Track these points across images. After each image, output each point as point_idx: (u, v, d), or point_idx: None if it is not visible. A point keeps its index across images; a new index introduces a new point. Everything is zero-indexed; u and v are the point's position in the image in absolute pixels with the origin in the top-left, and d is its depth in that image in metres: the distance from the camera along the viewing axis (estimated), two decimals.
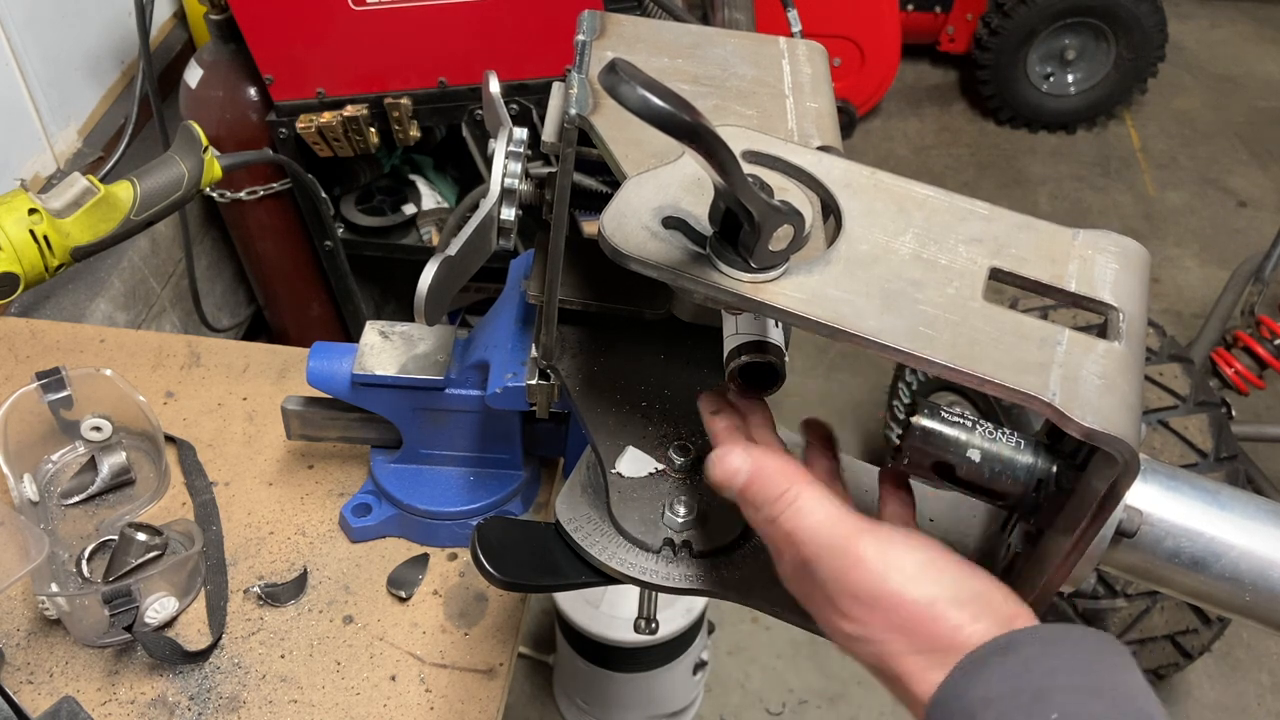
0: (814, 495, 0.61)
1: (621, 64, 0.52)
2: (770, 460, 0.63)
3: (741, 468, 0.63)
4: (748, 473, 0.63)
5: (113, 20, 2.06)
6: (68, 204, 1.13)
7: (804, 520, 0.60)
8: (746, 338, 0.72)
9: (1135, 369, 0.61)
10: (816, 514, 0.60)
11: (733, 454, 0.64)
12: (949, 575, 0.58)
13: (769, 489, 0.62)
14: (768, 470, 0.63)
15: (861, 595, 0.58)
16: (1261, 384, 2.30)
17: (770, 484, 0.62)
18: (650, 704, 2.12)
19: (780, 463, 0.63)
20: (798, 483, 0.62)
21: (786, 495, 0.61)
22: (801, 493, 0.61)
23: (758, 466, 0.63)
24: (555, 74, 1.82)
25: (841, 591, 0.59)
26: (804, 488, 0.61)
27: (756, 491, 0.62)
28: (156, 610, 1.03)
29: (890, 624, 0.57)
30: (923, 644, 0.56)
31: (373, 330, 1.06)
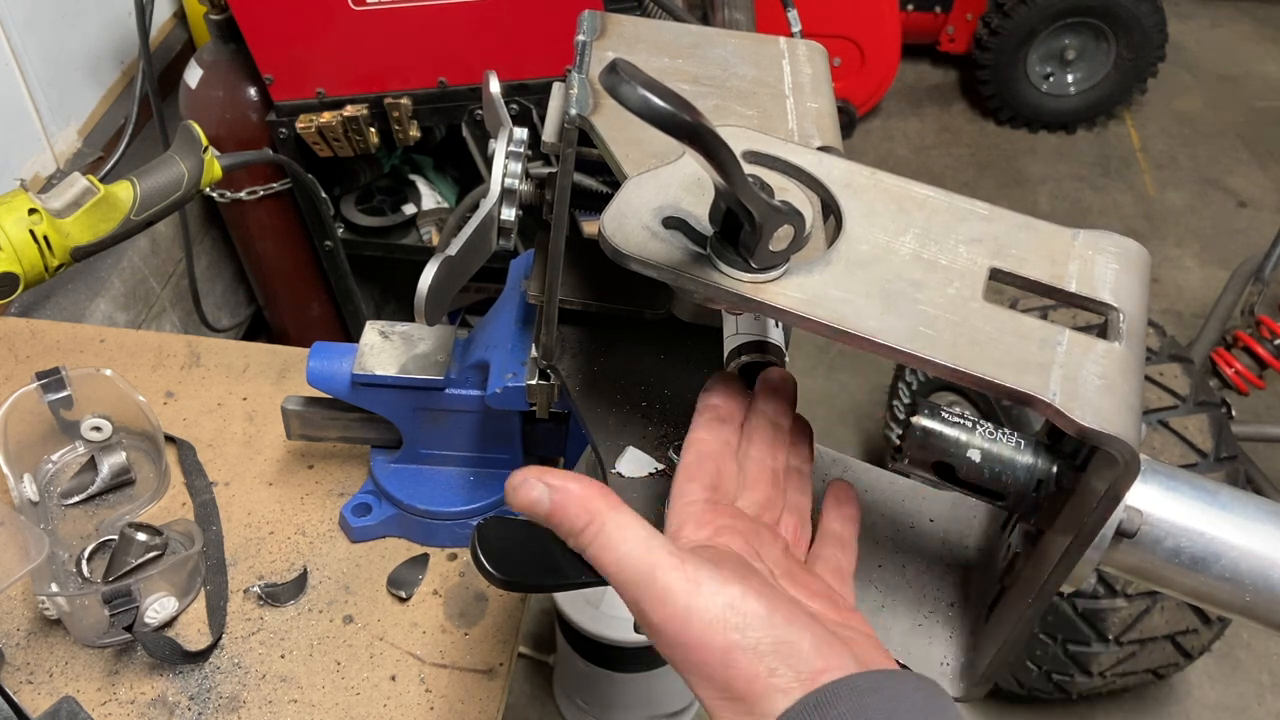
0: (619, 524, 0.57)
1: (622, 64, 0.52)
2: (572, 487, 0.58)
3: (541, 498, 0.58)
4: (549, 503, 0.58)
5: (113, 20, 2.06)
6: (68, 204, 1.13)
7: (610, 554, 0.57)
8: (747, 338, 0.72)
9: (1135, 369, 0.61)
10: (621, 546, 0.56)
11: (529, 483, 0.59)
12: (753, 619, 0.53)
13: (572, 520, 0.58)
14: (569, 500, 0.58)
15: (666, 637, 0.54)
16: (1261, 384, 2.30)
17: (571, 515, 0.58)
18: (650, 704, 2.12)
19: (582, 490, 0.58)
20: (600, 512, 0.57)
21: (590, 528, 0.57)
22: (606, 522, 0.57)
23: (559, 496, 0.58)
24: (555, 74, 1.82)
25: (652, 629, 0.55)
26: (609, 516, 0.57)
27: (559, 523, 0.58)
28: (156, 610, 1.03)
29: (694, 670, 0.54)
30: (727, 693, 0.53)
31: (373, 330, 1.06)
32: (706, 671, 0.53)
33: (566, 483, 0.58)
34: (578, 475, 0.60)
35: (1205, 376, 2.19)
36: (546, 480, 0.58)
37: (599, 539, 0.57)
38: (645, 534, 0.57)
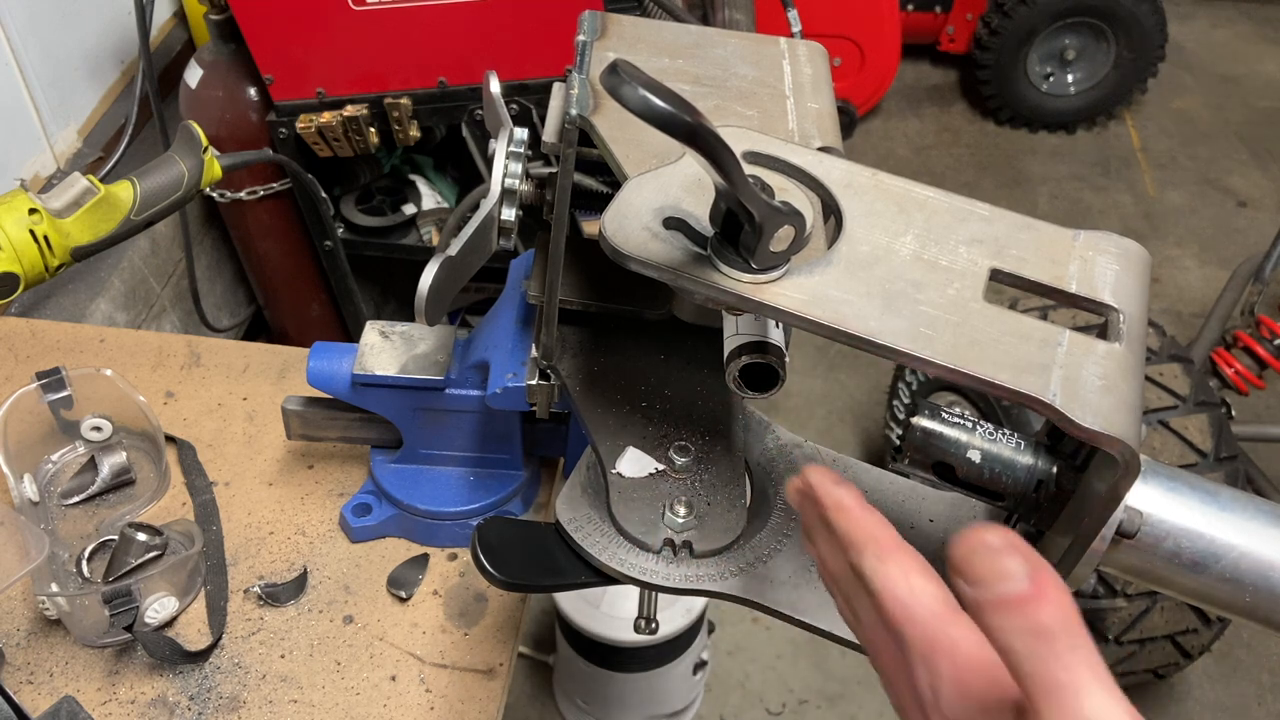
0: (1089, 649, 0.48)
1: (623, 65, 0.52)
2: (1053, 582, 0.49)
3: (1018, 574, 0.48)
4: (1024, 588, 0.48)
5: (113, 20, 2.06)
6: (68, 204, 1.13)
7: (1070, 678, 0.47)
8: (747, 338, 0.72)
9: (1135, 370, 0.61)
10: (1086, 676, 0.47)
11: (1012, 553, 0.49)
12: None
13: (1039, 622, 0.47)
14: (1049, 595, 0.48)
15: None
16: (1261, 384, 2.30)
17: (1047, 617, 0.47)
18: (650, 704, 2.12)
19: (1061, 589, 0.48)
20: (1074, 629, 0.48)
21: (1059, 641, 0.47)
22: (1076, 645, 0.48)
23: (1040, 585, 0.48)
24: (555, 74, 1.82)
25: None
26: (1080, 638, 0.48)
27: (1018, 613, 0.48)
28: (156, 610, 1.03)
29: None
30: None
31: (373, 330, 1.06)
32: None
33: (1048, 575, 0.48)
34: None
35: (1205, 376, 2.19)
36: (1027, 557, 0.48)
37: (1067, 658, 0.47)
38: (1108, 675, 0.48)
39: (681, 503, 0.80)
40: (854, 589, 0.60)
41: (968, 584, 0.49)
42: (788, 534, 0.81)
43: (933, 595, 0.54)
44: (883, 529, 0.58)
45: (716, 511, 0.81)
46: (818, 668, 2.32)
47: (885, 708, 2.27)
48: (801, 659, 2.34)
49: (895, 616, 0.55)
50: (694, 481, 0.83)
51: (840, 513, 0.60)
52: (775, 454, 0.87)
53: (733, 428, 0.87)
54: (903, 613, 0.54)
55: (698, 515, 0.80)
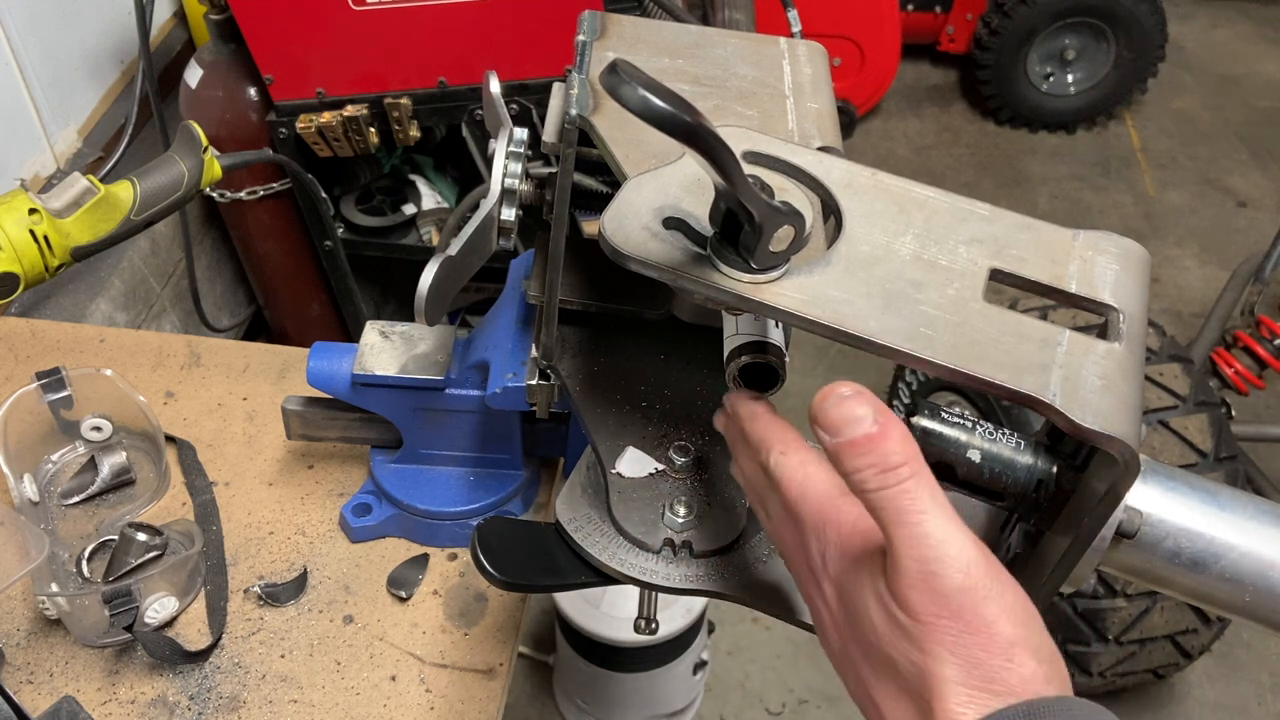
0: (929, 481, 0.55)
1: (623, 65, 0.52)
2: (895, 425, 0.55)
3: (865, 417, 0.54)
4: (869, 429, 0.54)
5: (113, 20, 2.06)
6: (68, 204, 1.13)
7: (911, 503, 0.53)
8: (747, 338, 0.72)
9: (1135, 370, 0.61)
10: (927, 501, 0.53)
11: (860, 400, 0.55)
12: (1036, 625, 0.54)
13: (888, 456, 0.54)
14: (893, 434, 0.54)
15: (948, 597, 0.52)
16: (1261, 384, 2.30)
17: (890, 450, 0.54)
18: (650, 704, 2.12)
19: (903, 431, 0.55)
20: (914, 460, 0.54)
21: (903, 469, 0.54)
22: (918, 473, 0.54)
23: (885, 426, 0.54)
24: (555, 74, 1.82)
25: (921, 583, 0.53)
26: (920, 469, 0.54)
27: (872, 449, 0.54)
28: (156, 610, 1.03)
29: (957, 643, 0.52)
30: (979, 680, 0.52)
31: (373, 330, 1.06)
32: (976, 653, 0.52)
33: (892, 417, 0.55)
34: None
35: (1205, 376, 2.19)
36: (875, 406, 0.55)
37: (905, 484, 0.54)
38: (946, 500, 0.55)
39: (681, 503, 0.80)
40: (764, 487, 0.67)
41: (825, 432, 0.56)
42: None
43: (824, 479, 0.62)
44: (786, 430, 0.67)
45: (716, 511, 0.81)
46: (818, 668, 2.32)
47: None
48: (801, 659, 2.34)
49: (792, 497, 0.62)
50: (694, 481, 0.83)
51: (753, 420, 0.68)
52: None
53: None
54: (799, 494, 0.62)
55: (698, 515, 0.80)
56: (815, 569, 0.61)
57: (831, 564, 0.60)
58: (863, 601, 0.57)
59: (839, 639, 0.60)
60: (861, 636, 0.57)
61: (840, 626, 0.60)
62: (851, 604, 0.58)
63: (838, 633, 0.60)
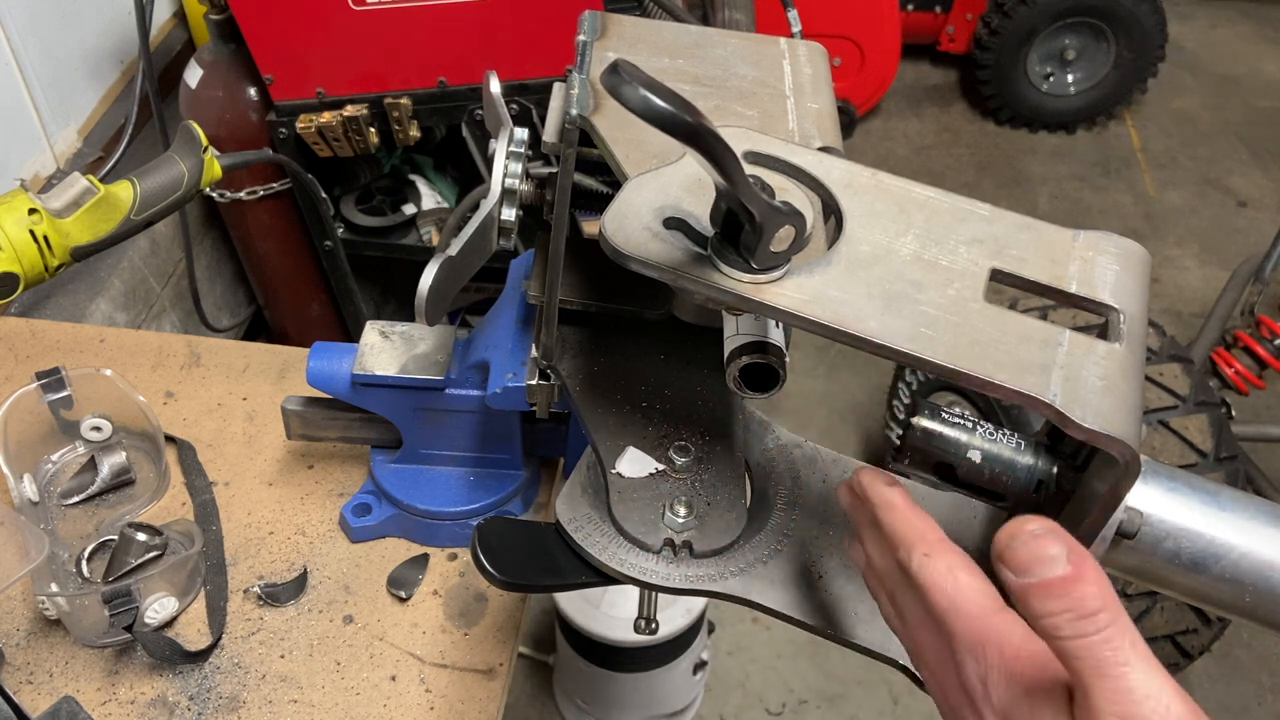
0: (1129, 627, 0.50)
1: (623, 65, 0.52)
2: (1091, 565, 0.51)
3: (1059, 557, 0.50)
4: (1062, 571, 0.50)
5: (113, 20, 2.06)
6: (68, 204, 1.13)
7: (1113, 654, 0.49)
8: (747, 338, 0.72)
9: (1136, 370, 0.61)
10: (1129, 651, 0.50)
11: (1053, 540, 0.51)
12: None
13: (1083, 601, 0.50)
14: (1089, 575, 0.50)
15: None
16: (1261, 384, 2.30)
17: (1086, 596, 0.50)
18: (650, 704, 2.12)
19: (1099, 572, 0.51)
20: (1113, 605, 0.50)
21: (1101, 616, 0.49)
22: (1117, 620, 0.50)
23: (1079, 568, 0.50)
24: (555, 74, 1.82)
25: None
26: (1120, 614, 0.50)
27: (1061, 595, 0.50)
28: (156, 610, 1.03)
29: None
30: None
31: (373, 330, 1.06)
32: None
33: (1086, 560, 0.51)
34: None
35: (1205, 376, 2.19)
36: (1067, 543, 0.51)
37: (1108, 632, 0.50)
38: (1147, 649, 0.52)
39: (681, 503, 0.80)
40: (900, 587, 0.61)
41: (1011, 571, 0.51)
42: (787, 534, 0.81)
43: (979, 590, 0.56)
44: (930, 527, 0.60)
45: (716, 511, 0.81)
46: (818, 668, 2.32)
47: (885, 708, 2.27)
48: (801, 659, 2.34)
49: (942, 609, 0.56)
50: (694, 481, 0.83)
51: (890, 511, 0.62)
52: (775, 454, 0.87)
53: (733, 428, 0.87)
54: (949, 606, 0.56)
55: (698, 515, 0.80)
56: (972, 693, 0.56)
57: (995, 690, 0.54)
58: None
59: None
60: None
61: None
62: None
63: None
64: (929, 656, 0.60)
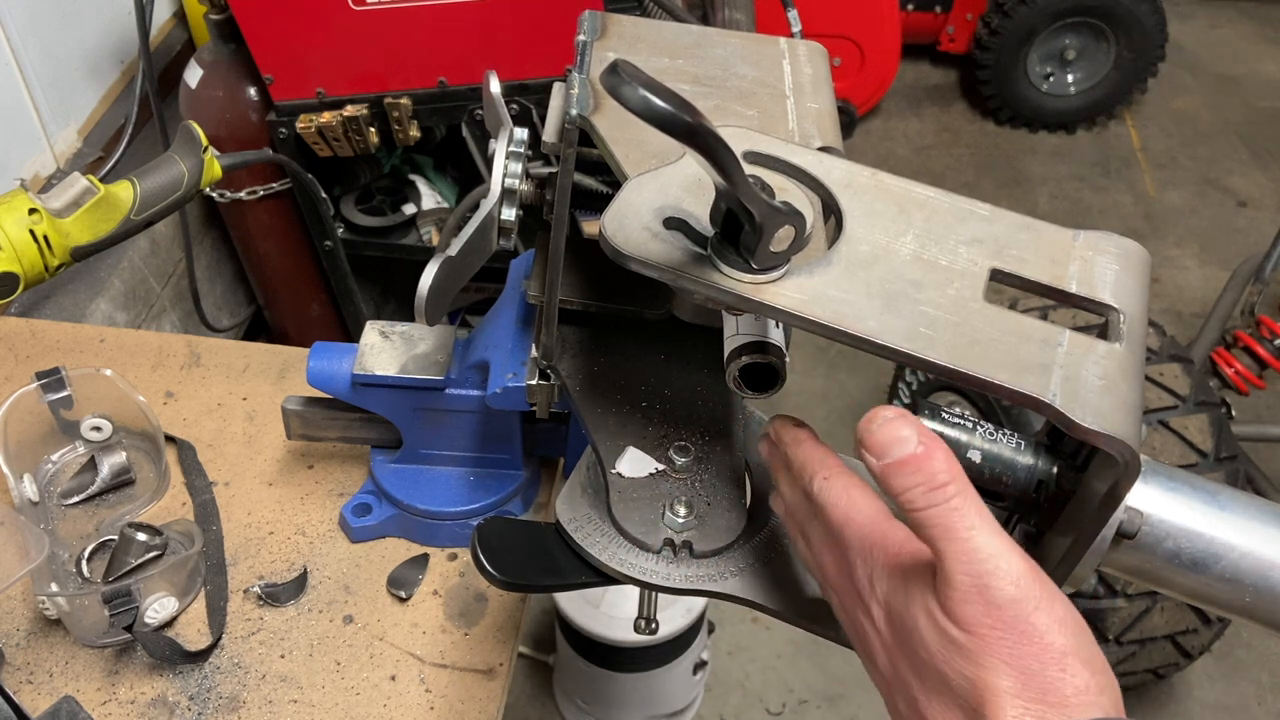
0: (975, 497, 0.56)
1: (623, 65, 0.52)
2: (939, 445, 0.56)
3: (910, 438, 0.56)
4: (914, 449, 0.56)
5: (113, 20, 2.06)
6: (68, 204, 1.13)
7: (960, 519, 0.54)
8: (747, 338, 0.72)
9: (1136, 370, 0.61)
10: (974, 517, 0.55)
11: (904, 422, 0.57)
12: (1087, 637, 0.54)
13: (934, 474, 0.55)
14: (937, 454, 0.56)
15: (1001, 609, 0.53)
16: (1261, 384, 2.30)
17: (936, 470, 0.55)
18: (650, 704, 2.12)
19: (947, 451, 0.56)
20: (960, 479, 0.56)
21: (949, 488, 0.55)
22: (964, 490, 0.55)
23: (929, 447, 0.56)
24: (555, 74, 1.82)
25: (974, 596, 0.54)
26: (966, 486, 0.56)
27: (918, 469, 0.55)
28: (156, 610, 1.03)
29: (1011, 654, 0.53)
30: (1034, 692, 0.52)
31: (373, 330, 1.06)
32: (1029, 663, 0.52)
33: (935, 438, 0.57)
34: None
35: (1205, 376, 2.19)
36: (918, 427, 0.56)
37: (952, 502, 0.55)
38: (992, 516, 0.56)
39: (681, 503, 0.80)
40: (806, 514, 0.67)
41: (872, 455, 0.57)
42: (788, 534, 0.81)
43: (869, 503, 0.63)
44: (829, 454, 0.68)
45: (716, 511, 0.81)
46: (818, 668, 2.32)
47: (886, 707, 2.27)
48: (801, 659, 2.34)
49: (838, 523, 0.63)
50: (694, 481, 0.83)
51: (797, 445, 0.68)
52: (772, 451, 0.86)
53: (733, 428, 0.87)
54: (844, 518, 0.62)
55: (698, 515, 0.80)
56: (862, 591, 0.61)
57: (880, 585, 0.60)
58: (913, 619, 0.57)
59: (888, 660, 0.60)
60: (913, 655, 0.57)
61: (890, 647, 0.59)
62: (902, 623, 0.58)
63: (887, 654, 0.60)
64: (830, 573, 0.65)
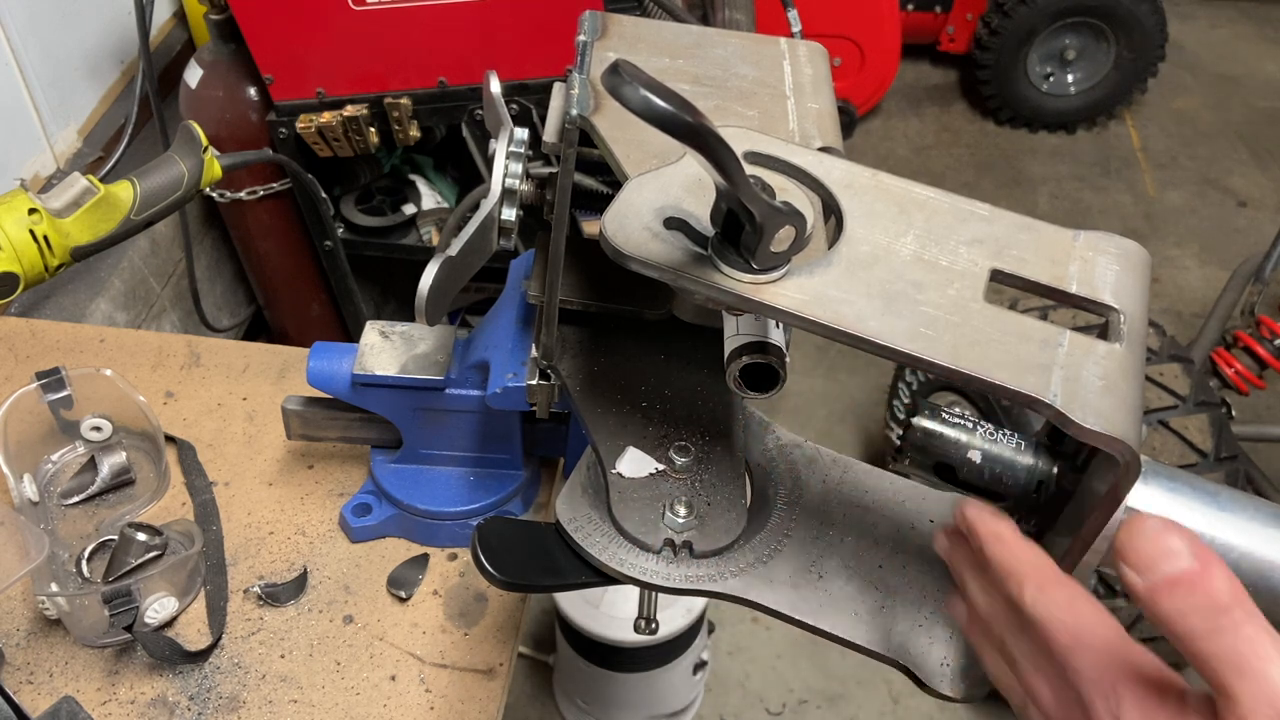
0: (1265, 624, 0.47)
1: (624, 65, 0.52)
2: (1218, 561, 0.48)
3: (1182, 551, 0.47)
4: (1190, 565, 0.47)
5: (113, 20, 2.06)
6: (68, 204, 1.13)
7: (1253, 650, 0.46)
8: (747, 339, 0.72)
9: (1136, 370, 0.61)
10: (1269, 648, 0.46)
11: (1174, 533, 0.48)
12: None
13: (1215, 596, 0.47)
14: (1217, 571, 0.47)
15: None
16: (1261, 384, 2.30)
17: (1218, 590, 0.47)
18: (650, 704, 2.12)
19: (1226, 568, 0.48)
20: (1245, 600, 0.47)
21: (1236, 612, 0.46)
22: (1253, 615, 0.46)
23: (1206, 563, 0.47)
24: (555, 74, 1.82)
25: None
26: (1254, 609, 0.47)
27: (1190, 591, 0.47)
28: (156, 610, 1.03)
29: None
30: None
31: (373, 330, 1.06)
32: None
33: (1212, 555, 0.48)
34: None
35: (1205, 376, 2.19)
36: (1189, 539, 0.48)
37: (1245, 629, 0.46)
38: None
39: (681, 503, 0.80)
40: (1010, 629, 0.58)
41: (1133, 570, 0.48)
42: (788, 534, 0.81)
43: (1103, 621, 0.53)
44: (1042, 558, 0.57)
45: (716, 511, 0.81)
46: (818, 668, 2.32)
47: (886, 708, 2.27)
48: (801, 659, 2.34)
49: (1065, 646, 0.53)
50: (694, 481, 0.83)
51: (999, 544, 0.59)
52: (775, 454, 0.87)
53: (733, 428, 0.87)
54: (1073, 641, 0.52)
55: (698, 515, 0.80)
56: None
57: (1131, 717, 0.51)
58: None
59: None
60: None
61: None
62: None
63: None
64: (1047, 703, 0.56)
